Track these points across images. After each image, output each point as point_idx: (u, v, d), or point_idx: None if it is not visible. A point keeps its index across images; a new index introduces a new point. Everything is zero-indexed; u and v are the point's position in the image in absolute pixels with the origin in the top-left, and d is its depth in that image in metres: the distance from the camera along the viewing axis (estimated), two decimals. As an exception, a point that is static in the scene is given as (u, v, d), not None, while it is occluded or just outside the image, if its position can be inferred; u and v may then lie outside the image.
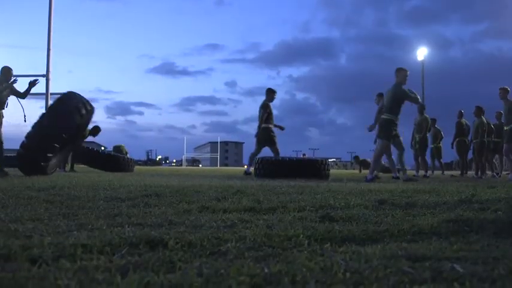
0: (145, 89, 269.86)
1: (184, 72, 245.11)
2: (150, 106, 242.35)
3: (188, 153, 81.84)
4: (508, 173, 10.68)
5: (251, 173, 8.66)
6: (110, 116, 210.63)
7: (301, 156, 22.65)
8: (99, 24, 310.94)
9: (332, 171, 9.50)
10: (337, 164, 62.55)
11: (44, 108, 12.11)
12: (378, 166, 8.13)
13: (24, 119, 7.00)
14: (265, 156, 8.44)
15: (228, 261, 1.12)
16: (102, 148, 12.08)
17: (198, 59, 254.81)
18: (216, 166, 66.20)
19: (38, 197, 2.73)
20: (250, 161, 9.01)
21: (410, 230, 1.67)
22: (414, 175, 10.17)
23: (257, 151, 9.00)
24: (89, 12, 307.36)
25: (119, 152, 13.62)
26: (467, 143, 11.20)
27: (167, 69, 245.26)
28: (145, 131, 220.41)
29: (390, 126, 7.00)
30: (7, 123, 6.73)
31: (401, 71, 7.05)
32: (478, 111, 10.42)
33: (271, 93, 9.00)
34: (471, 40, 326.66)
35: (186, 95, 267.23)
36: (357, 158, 16.62)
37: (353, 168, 38.65)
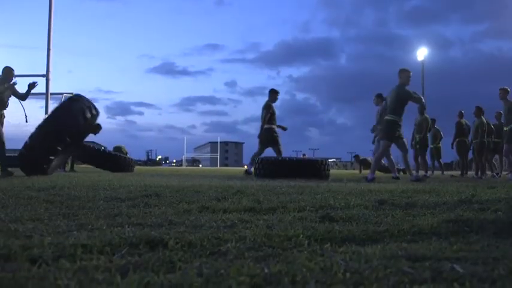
0: (145, 89, 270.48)
1: (184, 72, 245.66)
2: (150, 106, 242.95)
3: (188, 154, 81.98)
4: (507, 173, 10.68)
5: (252, 172, 8.66)
6: (110, 116, 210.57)
7: (301, 157, 22.65)
8: (99, 24, 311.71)
9: (332, 172, 9.50)
10: (337, 164, 62.55)
11: (43, 108, 12.14)
12: (377, 166, 8.15)
13: (25, 119, 7.02)
14: (265, 156, 8.44)
15: (228, 261, 1.12)
16: (102, 148, 12.03)
17: (198, 59, 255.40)
18: (216, 166, 66.22)
19: (38, 197, 2.73)
20: (252, 161, 8.99)
21: (410, 230, 1.67)
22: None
23: (260, 151, 8.95)
24: (89, 12, 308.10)
25: (119, 152, 13.60)
26: (468, 143, 11.21)
27: (167, 69, 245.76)
28: (145, 131, 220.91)
29: (394, 127, 7.00)
30: (7, 123, 6.75)
31: (404, 72, 7.06)
32: (478, 111, 10.43)
33: (274, 93, 8.94)
34: (471, 40, 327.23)
35: (186, 95, 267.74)
36: (357, 156, 16.57)
37: (353, 169, 38.65)
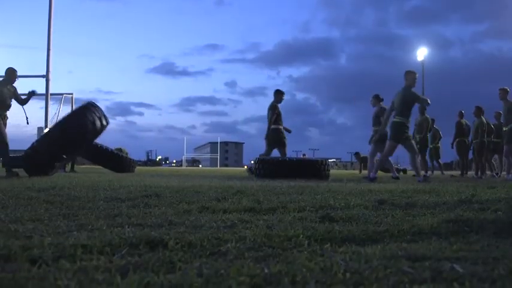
0: (145, 89, 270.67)
1: (184, 73, 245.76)
2: (150, 106, 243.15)
3: (188, 154, 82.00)
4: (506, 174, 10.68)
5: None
6: (110, 116, 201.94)
7: (301, 157, 22.64)
8: (99, 24, 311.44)
9: (332, 172, 9.50)
10: (337, 164, 62.55)
11: (44, 109, 12.16)
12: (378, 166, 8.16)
13: (26, 121, 7.06)
14: (265, 156, 8.43)
15: (228, 262, 1.12)
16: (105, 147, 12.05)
17: (198, 59, 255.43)
18: (216, 166, 66.23)
19: (38, 198, 2.73)
20: None
21: (410, 230, 1.67)
22: (414, 175, 10.16)
23: (268, 152, 8.86)
24: (88, 12, 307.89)
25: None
26: (467, 143, 11.21)
27: (167, 70, 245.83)
28: (145, 131, 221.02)
29: (401, 129, 7.01)
30: (8, 123, 6.77)
31: (410, 74, 7.08)
32: (478, 111, 10.43)
33: (279, 94, 8.83)
34: (471, 40, 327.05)
35: (186, 95, 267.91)
36: (357, 154, 16.52)
37: (353, 169, 38.64)
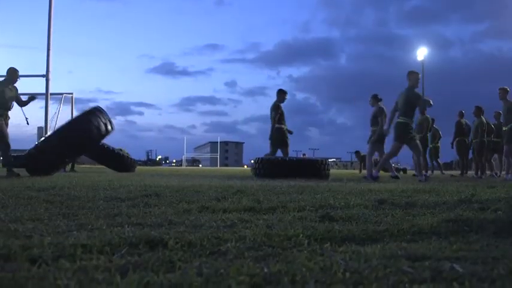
0: (145, 89, 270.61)
1: (184, 72, 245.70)
2: (150, 106, 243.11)
3: (188, 153, 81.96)
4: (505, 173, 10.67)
5: None
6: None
7: (301, 156, 22.64)
8: (99, 24, 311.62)
9: (332, 171, 9.50)
10: (337, 164, 62.52)
11: (43, 109, 12.16)
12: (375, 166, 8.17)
13: (26, 122, 7.08)
14: (264, 155, 8.42)
15: (228, 261, 1.12)
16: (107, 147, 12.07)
17: (198, 59, 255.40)
18: (216, 166, 66.21)
19: (38, 197, 2.73)
20: None
21: (410, 229, 1.67)
22: (414, 175, 10.18)
23: (272, 153, 8.81)
24: (88, 12, 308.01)
25: None
26: (467, 142, 11.20)
27: (167, 70, 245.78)
28: (145, 131, 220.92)
29: (406, 129, 7.03)
30: (9, 123, 6.77)
31: (413, 74, 7.09)
32: (478, 111, 10.43)
33: (282, 94, 8.81)
34: (471, 40, 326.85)
35: (186, 95, 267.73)
36: (357, 153, 16.47)
37: (353, 168, 38.64)
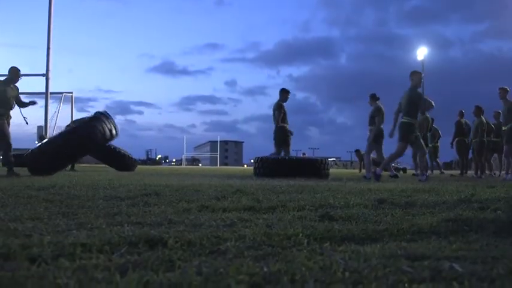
0: (145, 88, 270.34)
1: (184, 72, 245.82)
2: (149, 105, 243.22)
3: (188, 153, 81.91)
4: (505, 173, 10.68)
5: None
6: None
7: (301, 156, 22.64)
8: (99, 23, 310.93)
9: (332, 171, 9.51)
10: (336, 163, 62.44)
11: (43, 108, 12.16)
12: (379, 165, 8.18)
13: (25, 122, 7.09)
14: (264, 155, 8.42)
15: (228, 260, 1.12)
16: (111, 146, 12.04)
17: (198, 58, 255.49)
18: (216, 165, 66.22)
19: (37, 196, 2.73)
20: None
21: (409, 229, 1.67)
22: (414, 174, 10.19)
23: (278, 152, 8.76)
24: (89, 11, 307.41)
25: None
26: (467, 142, 11.21)
27: (167, 69, 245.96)
28: (145, 130, 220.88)
29: (410, 129, 7.03)
30: (11, 123, 6.79)
31: (416, 74, 7.09)
32: (478, 111, 10.44)
33: (285, 93, 8.78)
34: (471, 40, 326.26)
35: (186, 94, 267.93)
36: (357, 151, 16.45)
37: (353, 168, 38.67)
